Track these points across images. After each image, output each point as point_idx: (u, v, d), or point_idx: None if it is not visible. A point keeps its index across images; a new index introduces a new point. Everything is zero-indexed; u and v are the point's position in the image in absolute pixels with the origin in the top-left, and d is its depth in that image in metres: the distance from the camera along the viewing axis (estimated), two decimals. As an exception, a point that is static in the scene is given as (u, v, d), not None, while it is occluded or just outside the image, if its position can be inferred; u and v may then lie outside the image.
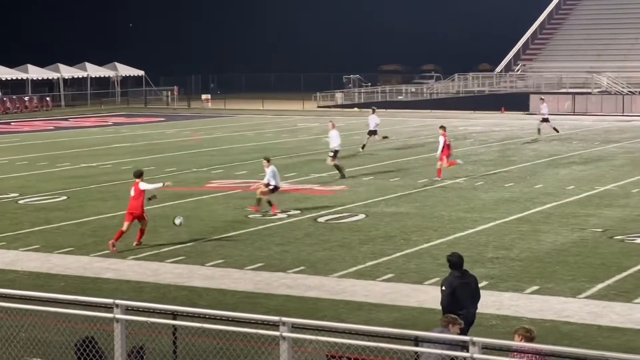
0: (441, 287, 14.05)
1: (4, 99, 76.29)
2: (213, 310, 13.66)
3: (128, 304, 11.42)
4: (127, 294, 18.12)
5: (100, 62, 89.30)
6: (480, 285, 18.84)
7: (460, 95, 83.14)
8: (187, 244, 23.17)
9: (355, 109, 76.16)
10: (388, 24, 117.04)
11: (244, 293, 18.68)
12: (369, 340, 10.32)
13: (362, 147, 44.13)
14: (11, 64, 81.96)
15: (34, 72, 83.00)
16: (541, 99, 55.93)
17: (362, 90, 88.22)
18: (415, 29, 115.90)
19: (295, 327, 10.54)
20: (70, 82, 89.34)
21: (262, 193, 27.23)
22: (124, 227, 22.81)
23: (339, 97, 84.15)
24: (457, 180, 33.32)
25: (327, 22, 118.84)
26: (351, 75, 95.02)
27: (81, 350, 12.53)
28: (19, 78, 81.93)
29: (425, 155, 41.95)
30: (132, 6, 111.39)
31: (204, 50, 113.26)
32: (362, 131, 55.22)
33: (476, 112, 70.58)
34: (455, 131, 54.13)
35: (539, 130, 50.96)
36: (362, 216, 26.86)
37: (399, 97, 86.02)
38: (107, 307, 11.39)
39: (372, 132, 44.91)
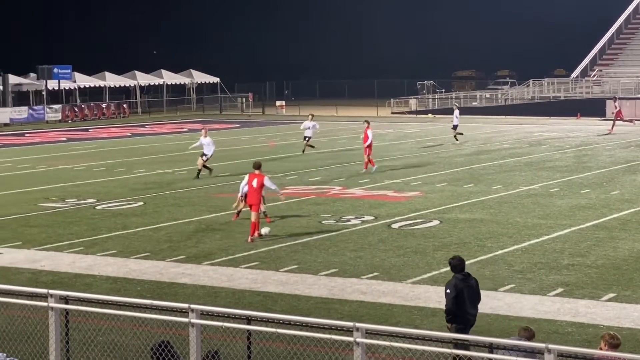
0: (445, 290, 14.17)
1: (82, 106, 77.47)
2: (287, 315, 13.72)
3: (203, 308, 11.52)
4: (202, 299, 18.30)
5: (176, 70, 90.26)
6: (555, 292, 18.71)
7: (536, 100, 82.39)
8: (262, 250, 23.30)
9: (429, 115, 75.89)
10: (462, 30, 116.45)
11: (318, 298, 18.72)
12: (443, 347, 10.28)
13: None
14: (89, 72, 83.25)
15: (112, 80, 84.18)
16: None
17: (436, 97, 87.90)
18: (489, 35, 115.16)
19: (369, 333, 10.54)
20: (147, 90, 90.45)
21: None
22: (253, 218, 24.17)
23: (413, 103, 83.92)
24: (533, 187, 33.02)
25: (401, 28, 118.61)
26: (425, 82, 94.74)
27: (157, 354, 12.68)
28: (97, 85, 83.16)
29: (499, 162, 41.65)
30: (206, 14, 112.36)
31: (278, 57, 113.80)
32: (437, 137, 55.02)
33: (551, 117, 69.86)
34: (531, 137, 53.66)
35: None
36: (436, 222, 26.76)
37: (473, 103, 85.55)
38: (183, 312, 11.50)
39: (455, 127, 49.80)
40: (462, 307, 13.98)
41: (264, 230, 24.47)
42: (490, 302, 18.24)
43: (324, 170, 39.34)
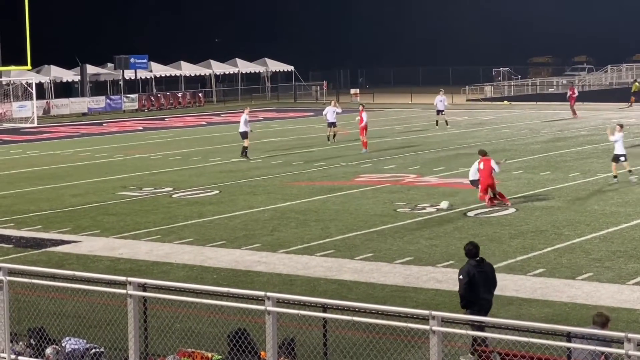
0: (458, 276, 14.18)
1: (159, 95, 78.26)
2: (363, 303, 13.73)
3: (279, 296, 11.57)
4: (277, 287, 18.37)
5: (250, 58, 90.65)
6: (635, 280, 18.43)
7: (614, 87, 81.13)
8: (337, 238, 23.32)
9: (505, 102, 75.23)
10: (538, 15, 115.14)
11: (393, 287, 18.69)
12: (519, 335, 10.19)
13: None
14: (165, 61, 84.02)
15: (187, 69, 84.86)
16: None
17: (512, 83, 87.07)
18: (566, 20, 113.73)
19: (444, 321, 10.49)
20: (222, 78, 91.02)
21: None
22: (487, 195, 27.06)
23: (488, 90, 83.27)
24: (611, 174, 32.56)
25: (476, 14, 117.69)
26: (500, 68, 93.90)
27: (234, 341, 12.79)
28: (173, 75, 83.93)
29: (577, 149, 41.14)
30: (281, 2, 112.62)
31: (352, 45, 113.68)
32: (512, 124, 54.52)
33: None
34: (609, 124, 52.90)
35: None
36: (512, 210, 26.53)
37: (550, 89, 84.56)
38: (259, 300, 11.56)
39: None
40: (475, 293, 13.99)
41: (444, 204, 26.99)
42: (568, 291, 18.04)
43: (398, 158, 39.22)
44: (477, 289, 14.01)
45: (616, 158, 31.36)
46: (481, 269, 14.18)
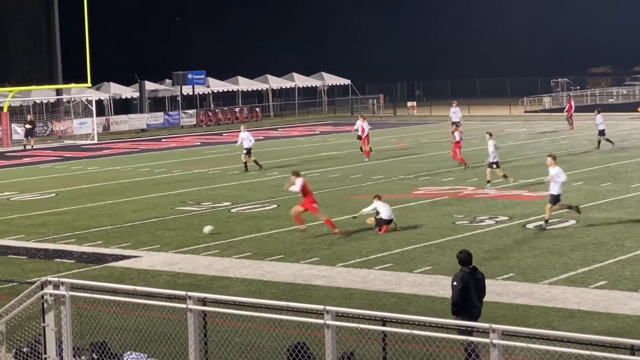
0: (452, 282, 14.34)
1: (216, 110, 78.73)
2: (422, 317, 13.65)
3: (338, 310, 11.55)
4: (336, 301, 18.35)
5: (307, 73, 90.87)
6: (699, 292, 18.15)
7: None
8: (395, 251, 23.25)
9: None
10: (597, 25, 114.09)
11: (453, 300, 18.54)
12: (582, 349, 10.07)
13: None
14: (223, 77, 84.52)
15: (244, 84, 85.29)
16: None
17: (571, 94, 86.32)
18: (625, 30, 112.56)
19: (505, 335, 10.40)
20: (279, 93, 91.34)
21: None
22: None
23: (547, 101, 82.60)
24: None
25: (533, 24, 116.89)
26: (559, 79, 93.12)
27: (293, 355, 12.79)
28: (230, 90, 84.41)
29: (638, 159, 40.64)
30: (335, 15, 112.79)
31: (409, 58, 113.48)
32: (572, 135, 54.06)
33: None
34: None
35: None
36: (572, 222, 26.26)
37: (610, 100, 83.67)
38: (318, 314, 11.55)
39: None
40: (468, 300, 14.20)
41: (207, 229, 26.01)
42: (631, 303, 17.80)
43: (456, 171, 39.04)
44: (470, 297, 14.24)
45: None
46: (474, 277, 14.38)
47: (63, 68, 68.90)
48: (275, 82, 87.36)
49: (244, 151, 42.07)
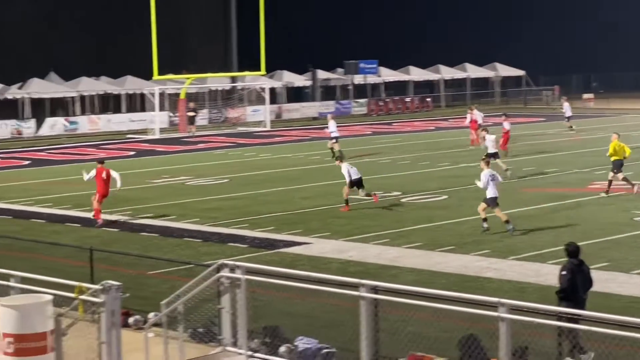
0: (561, 272, 14.76)
1: (387, 100, 78.77)
2: (597, 313, 13.27)
3: (513, 303, 11.36)
4: (508, 294, 18.01)
5: (480, 63, 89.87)
6: None
7: None
8: (569, 246, 22.68)
9: None
10: None
11: (630, 297, 18.02)
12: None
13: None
14: (394, 66, 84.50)
15: (416, 74, 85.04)
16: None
17: None
18: None
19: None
20: (450, 83, 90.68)
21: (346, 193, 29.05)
22: None
23: None
24: None
25: None
26: None
27: (465, 347, 12.65)
28: (402, 80, 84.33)
29: None
30: (515, 6, 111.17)
31: (586, 48, 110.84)
32: None
33: None
34: None
35: None
36: None
37: None
38: (491, 306, 11.37)
39: None
40: (574, 291, 14.59)
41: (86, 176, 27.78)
42: None
43: (635, 165, 37.84)
44: (576, 288, 14.63)
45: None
46: (580, 269, 14.83)
47: (238, 56, 70.21)
48: (447, 73, 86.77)
49: (333, 140, 43.80)
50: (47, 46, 73.61)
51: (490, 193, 24.98)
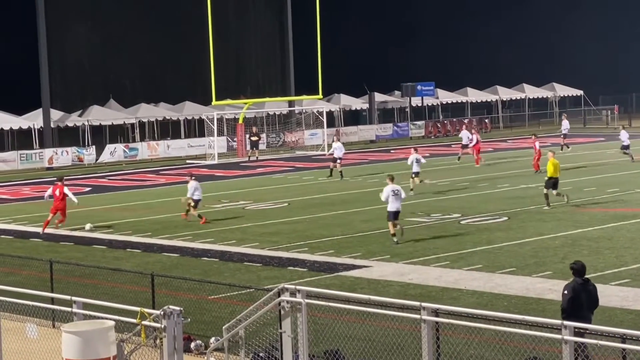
0: (563, 291, 14.65)
1: (445, 121, 78.56)
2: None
3: (576, 325, 11.25)
4: (571, 316, 17.86)
5: (537, 84, 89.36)
6: None
7: None
8: (633, 267, 22.45)
9: None
10: None
11: (696, 319, 17.74)
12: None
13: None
14: (451, 88, 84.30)
15: (473, 95, 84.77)
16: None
17: None
18: None
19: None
20: (508, 104, 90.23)
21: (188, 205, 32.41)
22: None
23: None
24: None
25: None
26: None
27: (528, 370, 12.53)
28: (459, 101, 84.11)
29: None
30: (565, 28, 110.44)
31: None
32: None
33: None
34: None
35: None
36: None
37: None
38: (555, 328, 11.28)
39: None
40: (578, 310, 14.35)
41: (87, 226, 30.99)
42: None
43: (697, 184, 37.38)
44: (581, 307, 14.45)
45: None
46: (586, 288, 14.65)
47: (295, 80, 70.53)
48: (504, 93, 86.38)
49: (338, 161, 45.62)
50: (106, 73, 74.62)
51: (391, 207, 26.88)
